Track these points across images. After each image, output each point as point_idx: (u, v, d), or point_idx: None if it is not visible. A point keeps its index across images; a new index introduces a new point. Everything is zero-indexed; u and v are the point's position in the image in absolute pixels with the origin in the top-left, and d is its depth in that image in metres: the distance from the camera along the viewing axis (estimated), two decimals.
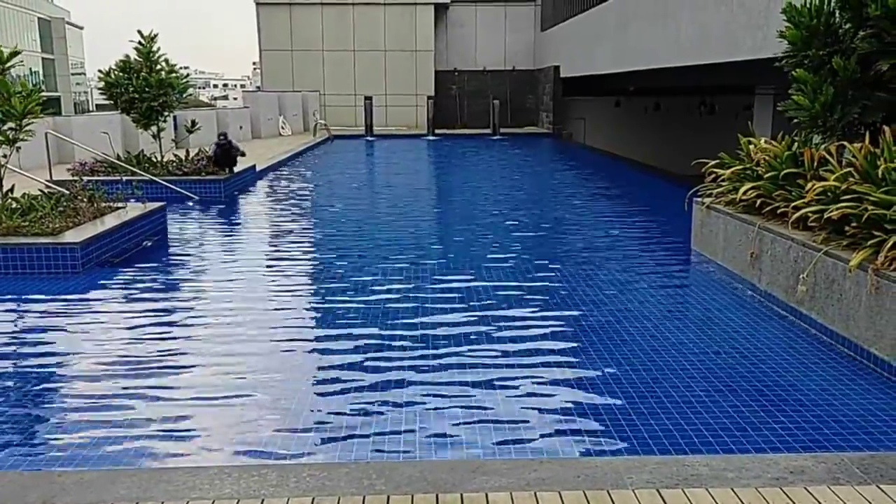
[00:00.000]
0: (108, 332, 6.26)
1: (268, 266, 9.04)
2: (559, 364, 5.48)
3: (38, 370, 5.41)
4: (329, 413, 4.69)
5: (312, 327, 6.59)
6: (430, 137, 29.30)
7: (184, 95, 15.62)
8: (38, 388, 5.08)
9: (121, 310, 6.97)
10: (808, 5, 7.19)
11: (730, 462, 3.76)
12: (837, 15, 7.04)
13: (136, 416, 4.61)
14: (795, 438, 4.27)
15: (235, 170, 14.90)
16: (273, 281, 8.17)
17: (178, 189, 13.51)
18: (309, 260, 9.37)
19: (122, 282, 7.95)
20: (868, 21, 6.61)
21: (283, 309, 6.99)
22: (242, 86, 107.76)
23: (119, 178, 12.82)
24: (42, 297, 7.27)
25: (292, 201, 14.24)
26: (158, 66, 14.63)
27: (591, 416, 4.61)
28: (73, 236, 8.27)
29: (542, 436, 4.35)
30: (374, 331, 6.22)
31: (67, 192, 9.88)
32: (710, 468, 3.67)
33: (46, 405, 4.82)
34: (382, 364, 5.46)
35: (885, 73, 6.56)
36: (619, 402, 4.80)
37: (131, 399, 4.86)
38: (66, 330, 6.34)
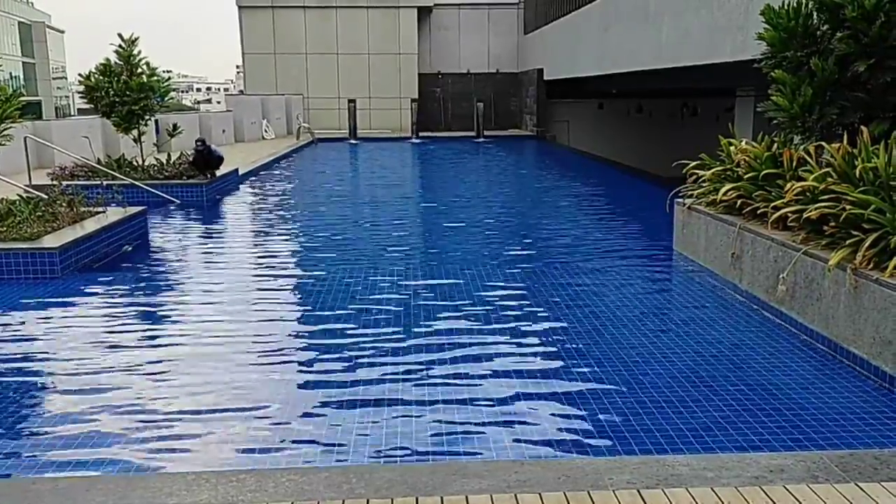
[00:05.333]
0: (86, 337, 6.20)
1: (249, 270, 8.99)
2: (539, 364, 5.47)
3: (14, 376, 5.33)
4: (311, 417, 4.66)
5: (294, 331, 6.54)
6: (415, 140, 29.27)
7: (165, 99, 15.51)
8: (13, 394, 5.01)
9: (100, 315, 6.89)
10: (786, 7, 7.24)
11: (710, 461, 3.77)
12: (815, 17, 7.10)
13: (113, 422, 4.56)
14: (775, 437, 4.29)
15: (217, 174, 14.81)
16: (254, 286, 8.12)
17: (160, 193, 13.41)
18: (290, 264, 9.32)
19: (101, 287, 7.87)
20: (845, 22, 6.67)
21: (264, 314, 6.94)
22: (226, 89, 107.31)
23: (99, 182, 12.69)
24: (19, 302, 7.18)
25: (274, 205, 14.18)
26: (139, 70, 14.53)
27: (571, 417, 4.61)
28: (51, 241, 8.18)
29: (523, 437, 4.35)
30: (356, 332, 6.19)
31: (46, 196, 9.78)
32: (690, 468, 3.67)
33: (22, 412, 4.75)
34: (365, 364, 5.44)
35: (863, 74, 6.61)
36: (599, 402, 4.80)
37: (109, 405, 4.81)
38: (43, 336, 6.26)
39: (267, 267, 9.05)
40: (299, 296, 7.72)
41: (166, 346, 6.00)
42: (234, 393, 5.02)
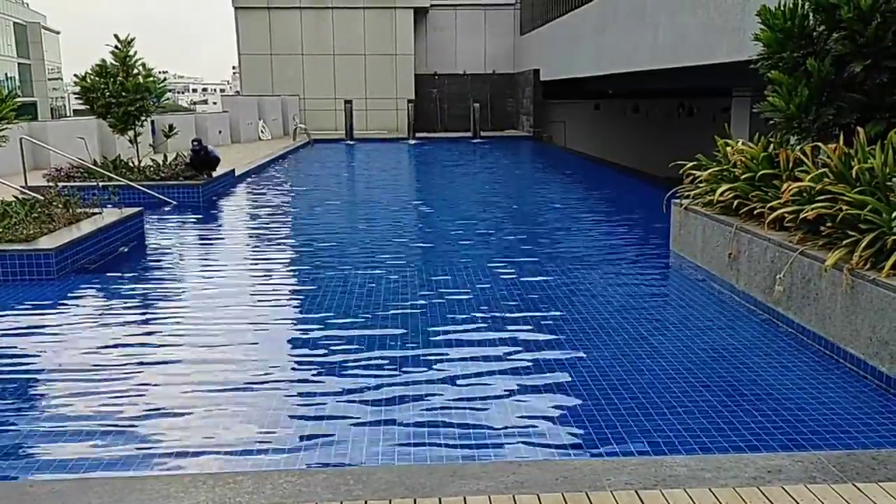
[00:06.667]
0: (82, 338, 6.18)
1: (245, 271, 8.97)
2: (537, 365, 5.47)
3: (10, 378, 5.31)
4: (309, 419, 4.65)
5: (291, 332, 6.54)
6: (411, 141, 29.24)
7: (161, 100, 15.48)
8: (9, 396, 5.00)
9: (95, 316, 6.88)
10: (782, 8, 7.25)
11: (707, 462, 3.77)
12: (811, 17, 7.11)
13: (109, 423, 4.55)
14: (773, 437, 4.29)
15: (214, 174, 14.79)
16: (251, 287, 8.11)
17: (156, 194, 13.39)
18: (287, 265, 9.31)
19: (97, 288, 7.85)
20: (841, 23, 6.68)
21: (261, 315, 6.93)
22: (222, 90, 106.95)
23: (95, 183, 12.67)
24: (15, 303, 7.16)
25: (270, 206, 14.16)
26: (135, 71, 14.50)
27: (569, 418, 4.60)
28: (47, 242, 8.16)
29: (521, 438, 4.34)
30: (354, 332, 6.18)
31: (42, 198, 9.75)
32: (687, 468, 3.67)
33: (18, 414, 4.73)
34: (361, 366, 5.44)
35: (859, 75, 6.62)
36: (597, 402, 4.80)
37: (105, 407, 4.80)
38: (38, 337, 6.24)
39: (263, 268, 9.03)
40: (297, 297, 7.71)
41: (162, 347, 5.98)
42: (231, 394, 5.00)
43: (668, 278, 8.52)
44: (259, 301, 7.41)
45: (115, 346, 5.98)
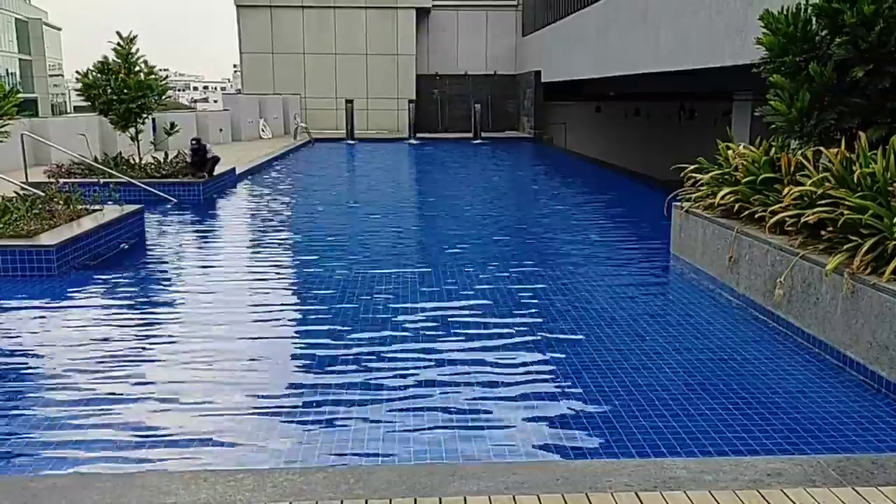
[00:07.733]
0: (82, 335, 6.18)
1: (245, 269, 8.98)
2: (536, 366, 5.48)
3: (10, 374, 5.32)
4: (310, 417, 4.65)
5: (291, 330, 6.54)
6: (412, 141, 29.24)
7: (162, 97, 15.48)
8: (9, 392, 5.00)
9: (96, 313, 6.88)
10: (785, 12, 7.26)
11: (707, 465, 3.77)
12: (814, 22, 7.12)
13: (109, 420, 4.55)
14: (772, 441, 4.30)
15: (215, 173, 14.79)
16: (250, 284, 8.11)
17: (157, 191, 13.39)
18: (286, 263, 9.31)
19: (97, 285, 7.86)
20: (844, 28, 6.69)
21: (260, 313, 6.93)
22: (223, 88, 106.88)
23: (96, 180, 12.68)
24: (15, 299, 7.16)
25: (270, 205, 14.16)
26: (137, 68, 14.50)
27: (569, 419, 4.61)
28: (48, 239, 8.16)
29: (521, 439, 4.35)
30: (351, 330, 6.19)
31: (43, 194, 9.75)
32: (687, 471, 3.67)
33: (18, 410, 4.73)
34: (361, 364, 5.44)
35: (861, 80, 6.63)
36: (597, 404, 4.81)
37: (105, 403, 4.80)
38: (38, 333, 6.25)
39: (263, 265, 9.04)
40: (296, 295, 7.71)
41: (162, 344, 5.99)
42: (230, 391, 5.01)
43: (668, 281, 8.52)
44: (259, 298, 7.41)
45: (116, 342, 5.98)
